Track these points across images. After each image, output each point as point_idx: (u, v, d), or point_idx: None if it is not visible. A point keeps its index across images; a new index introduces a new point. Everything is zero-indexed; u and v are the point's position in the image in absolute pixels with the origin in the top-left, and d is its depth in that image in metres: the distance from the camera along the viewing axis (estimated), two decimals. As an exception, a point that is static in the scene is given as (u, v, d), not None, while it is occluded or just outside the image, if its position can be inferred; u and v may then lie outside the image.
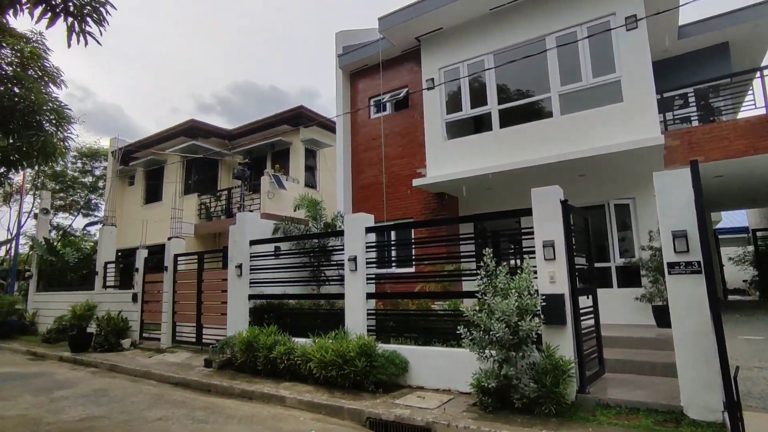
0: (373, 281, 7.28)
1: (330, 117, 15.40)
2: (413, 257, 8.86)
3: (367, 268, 7.16)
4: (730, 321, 8.43)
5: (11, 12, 3.69)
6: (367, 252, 7.21)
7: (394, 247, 10.00)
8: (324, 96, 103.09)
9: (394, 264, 9.87)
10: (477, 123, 10.34)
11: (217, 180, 17.94)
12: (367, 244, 7.25)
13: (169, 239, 11.13)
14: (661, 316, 7.42)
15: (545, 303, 5.20)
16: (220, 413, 5.56)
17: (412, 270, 9.68)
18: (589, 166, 8.65)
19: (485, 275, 5.33)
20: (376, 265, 7.38)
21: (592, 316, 5.86)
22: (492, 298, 5.05)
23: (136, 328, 11.05)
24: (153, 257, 11.49)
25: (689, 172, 4.45)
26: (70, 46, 3.95)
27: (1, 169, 6.81)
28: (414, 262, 9.22)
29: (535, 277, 5.35)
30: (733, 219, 20.80)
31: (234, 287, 8.80)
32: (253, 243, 8.83)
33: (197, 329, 9.83)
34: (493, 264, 5.32)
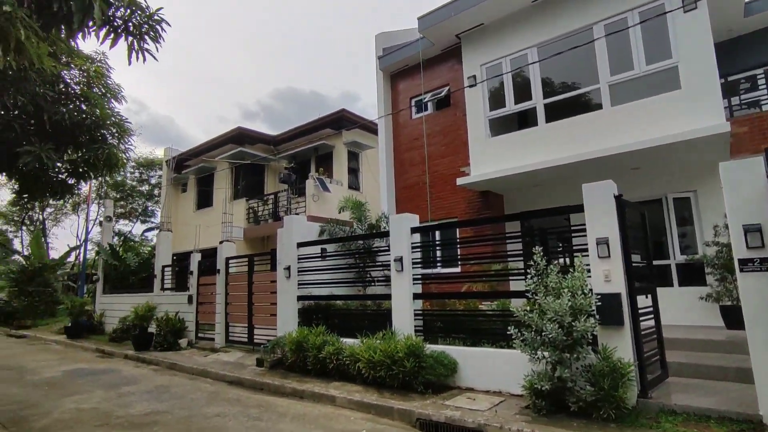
0: (419, 281, 7.25)
1: (371, 119, 15.52)
2: (459, 257, 8.77)
3: (412, 268, 7.14)
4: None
5: (80, 35, 3.98)
6: (412, 252, 7.19)
7: (439, 247, 9.92)
8: (364, 98, 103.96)
9: (439, 264, 9.79)
10: (521, 119, 10.07)
11: (263, 185, 18.53)
12: (412, 244, 7.22)
13: (220, 243, 11.57)
14: (731, 317, 6.93)
15: (600, 303, 4.99)
16: (272, 411, 5.72)
17: (458, 270, 9.56)
18: (645, 159, 8.20)
19: (535, 274, 5.19)
20: (421, 265, 7.34)
21: (652, 316, 5.56)
22: (543, 298, 4.92)
23: (192, 329, 11.56)
24: (206, 260, 11.98)
25: (762, 161, 4.14)
26: (130, 63, 4.24)
27: (72, 181, 7.37)
28: (459, 262, 9.11)
29: (589, 276, 5.15)
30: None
31: (283, 288, 9.03)
32: (300, 245, 9.03)
33: (248, 329, 10.17)
34: (543, 263, 5.17)
